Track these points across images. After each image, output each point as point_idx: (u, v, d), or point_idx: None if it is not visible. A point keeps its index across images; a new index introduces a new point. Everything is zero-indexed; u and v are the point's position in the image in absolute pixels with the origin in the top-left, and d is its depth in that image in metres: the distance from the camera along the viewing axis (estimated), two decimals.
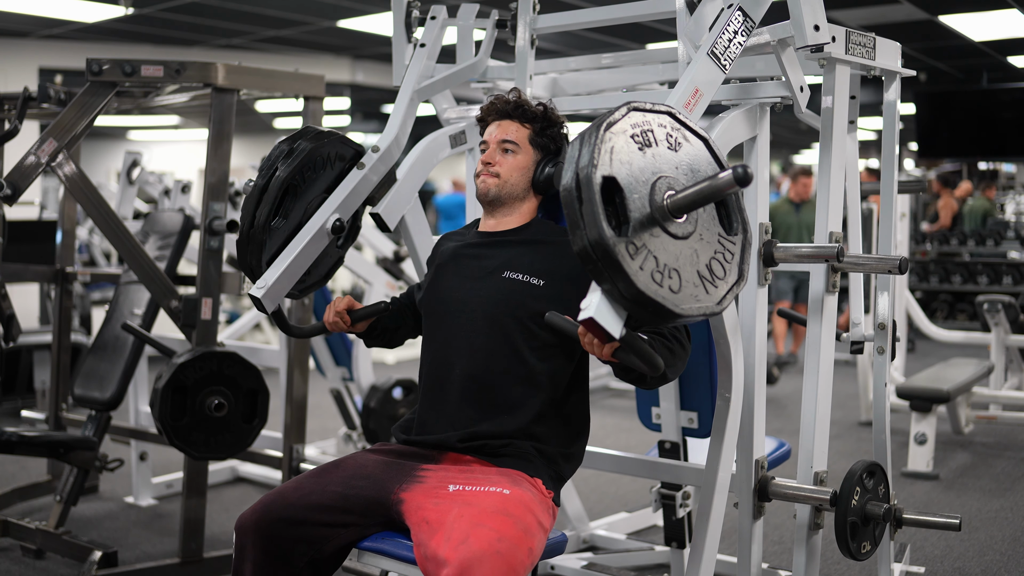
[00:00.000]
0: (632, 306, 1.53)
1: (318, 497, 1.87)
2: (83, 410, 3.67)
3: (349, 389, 4.46)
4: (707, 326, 2.39)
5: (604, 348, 1.63)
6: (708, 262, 1.64)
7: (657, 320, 1.56)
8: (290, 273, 2.19)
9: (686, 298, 1.57)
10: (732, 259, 1.68)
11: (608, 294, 1.54)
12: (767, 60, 2.44)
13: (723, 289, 1.64)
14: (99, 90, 2.90)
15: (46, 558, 3.24)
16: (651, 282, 1.52)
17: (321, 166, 2.26)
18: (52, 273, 3.85)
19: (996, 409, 5.33)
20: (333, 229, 2.23)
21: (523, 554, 1.69)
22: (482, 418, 1.98)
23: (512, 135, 2.12)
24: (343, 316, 2.17)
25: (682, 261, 1.59)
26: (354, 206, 2.30)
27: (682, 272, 1.58)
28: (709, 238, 1.66)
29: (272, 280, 2.15)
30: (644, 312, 1.54)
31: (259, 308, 2.17)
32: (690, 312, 1.56)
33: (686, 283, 1.58)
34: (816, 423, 2.21)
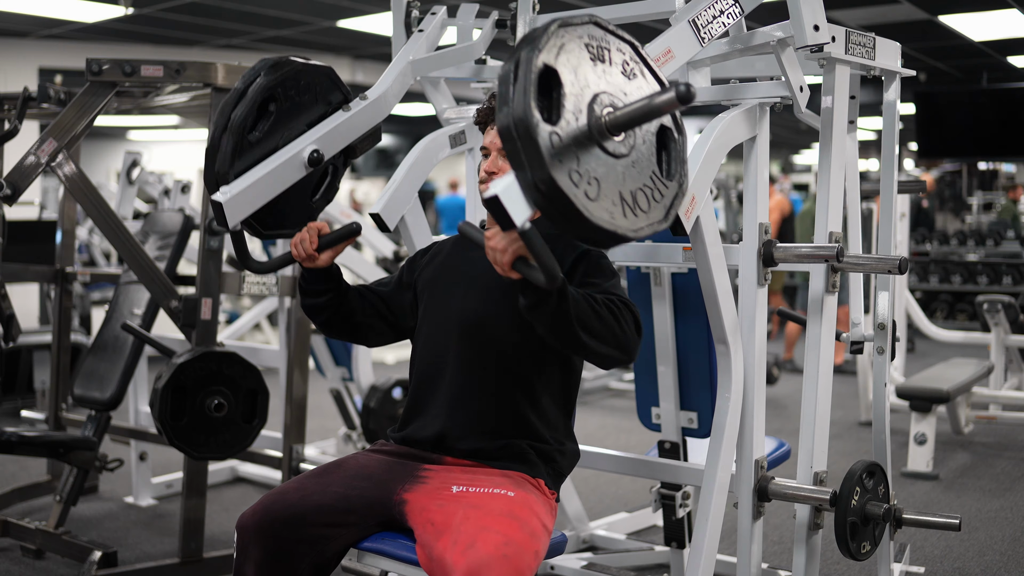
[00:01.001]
0: (542, 200, 1.45)
1: (320, 497, 1.87)
2: (83, 410, 3.67)
3: (349, 389, 4.45)
4: (707, 326, 2.39)
5: (507, 253, 1.58)
6: (634, 190, 1.57)
7: (565, 223, 1.48)
8: (258, 190, 2.00)
9: (600, 209, 1.49)
10: (661, 200, 1.62)
11: (521, 180, 1.47)
12: (767, 60, 2.44)
13: (643, 221, 1.57)
14: (99, 90, 2.90)
15: (46, 558, 3.24)
16: (567, 177, 1.45)
17: (307, 92, 2.13)
18: (52, 273, 3.85)
19: (996, 409, 5.33)
20: (310, 160, 2.08)
21: (529, 557, 1.68)
22: (475, 415, 1.97)
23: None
24: (312, 234, 2.00)
25: (607, 176, 1.52)
26: (335, 146, 2.17)
27: (603, 184, 1.51)
28: (642, 169, 1.60)
29: (239, 189, 1.97)
30: (552, 208, 1.46)
31: (219, 220, 1.99)
32: (601, 223, 1.48)
33: (604, 197, 1.51)
34: (816, 423, 2.21)
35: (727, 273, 2.14)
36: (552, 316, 1.66)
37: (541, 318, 1.67)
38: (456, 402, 1.99)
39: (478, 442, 1.96)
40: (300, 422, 3.26)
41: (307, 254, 1.99)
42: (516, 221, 1.47)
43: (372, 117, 2.27)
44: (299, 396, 3.25)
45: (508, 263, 1.59)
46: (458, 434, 1.97)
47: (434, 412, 2.01)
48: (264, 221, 2.10)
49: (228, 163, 1.99)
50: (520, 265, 1.59)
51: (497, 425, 1.97)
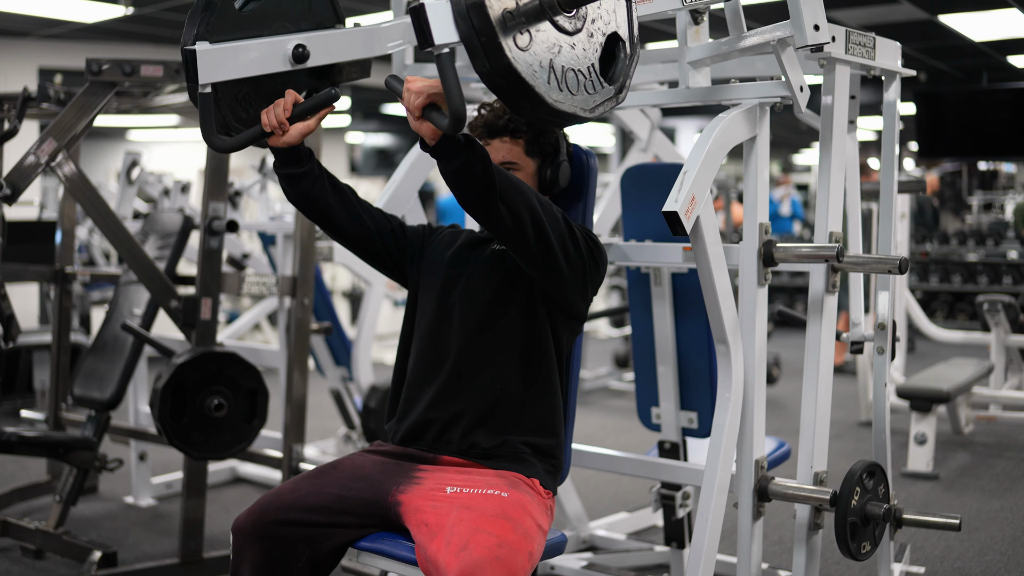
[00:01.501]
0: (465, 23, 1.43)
1: (315, 499, 1.87)
2: (83, 410, 3.67)
3: (349, 389, 4.45)
4: (707, 326, 2.39)
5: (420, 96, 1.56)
6: (565, 67, 1.58)
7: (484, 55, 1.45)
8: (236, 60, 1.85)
9: (525, 57, 1.48)
10: (591, 93, 1.63)
11: (454, 5, 1.45)
12: (767, 60, 2.44)
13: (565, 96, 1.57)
14: (99, 90, 2.90)
15: (46, 558, 3.24)
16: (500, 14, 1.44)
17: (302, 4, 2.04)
18: (52, 273, 3.84)
19: (996, 409, 5.33)
20: (294, 54, 1.94)
21: (523, 559, 1.68)
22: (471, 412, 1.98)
23: (507, 155, 2.11)
24: (287, 102, 1.87)
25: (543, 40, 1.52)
26: (321, 52, 2.01)
27: (536, 41, 1.51)
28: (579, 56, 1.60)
29: (217, 48, 1.83)
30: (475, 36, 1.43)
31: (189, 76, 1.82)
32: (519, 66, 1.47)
33: (533, 53, 1.50)
34: (816, 423, 2.21)
35: (727, 273, 2.14)
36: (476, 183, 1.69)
37: (464, 185, 1.69)
38: (453, 395, 2.00)
39: (473, 440, 1.97)
40: (300, 422, 3.26)
41: (278, 121, 1.85)
42: (436, 38, 1.44)
43: (364, 45, 2.11)
44: (299, 396, 3.25)
45: (420, 106, 1.58)
46: (459, 427, 1.97)
47: (432, 405, 2.01)
48: (236, 112, 1.96)
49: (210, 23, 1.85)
50: (430, 111, 1.57)
51: (493, 423, 1.97)
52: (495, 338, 2.01)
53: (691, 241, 2.02)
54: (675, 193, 1.89)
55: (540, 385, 2.02)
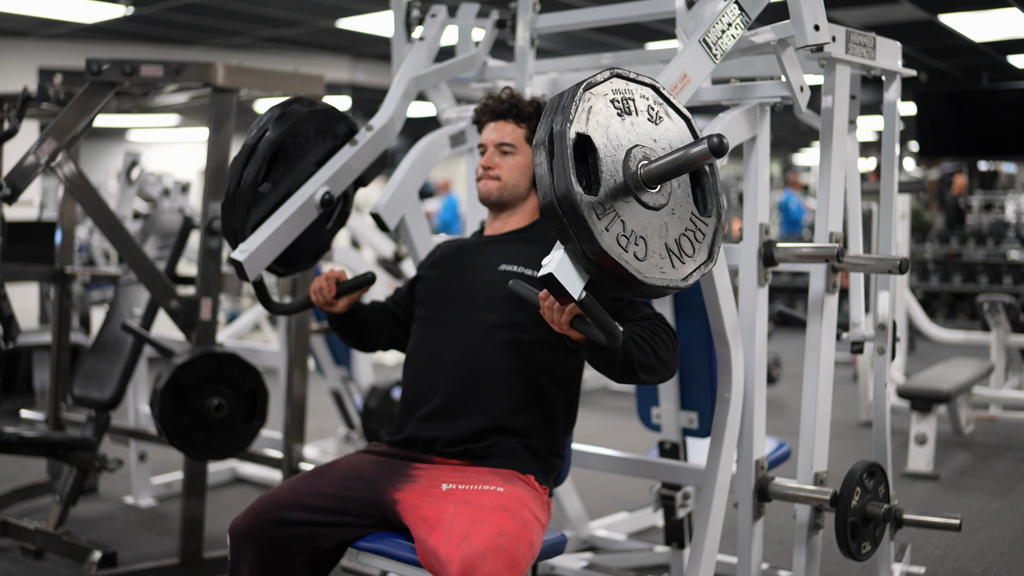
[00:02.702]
0: (594, 268, 1.49)
1: (312, 499, 1.87)
2: (83, 410, 3.67)
3: (349, 389, 4.45)
4: (707, 326, 2.39)
5: (563, 315, 1.61)
6: (677, 237, 1.60)
7: (619, 287, 1.52)
8: (274, 241, 2.11)
9: (650, 267, 1.53)
10: (703, 239, 1.64)
11: (571, 253, 1.50)
12: (767, 60, 2.44)
13: (690, 266, 1.60)
14: (99, 90, 2.90)
15: (45, 558, 3.24)
16: (616, 244, 1.48)
17: (313, 136, 2.20)
18: (51, 273, 3.84)
19: (996, 409, 5.33)
20: (322, 202, 2.17)
21: (524, 547, 1.69)
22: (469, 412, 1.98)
23: (509, 136, 2.12)
24: (331, 283, 2.12)
25: (650, 231, 1.55)
26: (345, 182, 2.25)
27: (649, 241, 1.54)
28: (681, 214, 1.62)
29: (256, 245, 2.08)
30: (606, 276, 1.50)
31: (240, 275, 2.09)
32: (653, 281, 1.52)
33: (652, 253, 1.54)
34: (816, 423, 2.21)
35: (727, 273, 2.14)
36: (619, 370, 1.77)
37: (608, 371, 1.79)
38: (447, 412, 2.00)
39: (469, 443, 1.97)
40: (300, 422, 3.26)
41: (325, 301, 2.12)
42: (573, 294, 1.51)
43: (379, 146, 2.35)
44: (299, 396, 3.25)
45: (566, 323, 1.63)
46: (451, 436, 1.98)
47: (425, 419, 2.01)
48: (281, 260, 2.18)
49: (243, 219, 2.09)
50: (578, 323, 1.62)
51: (490, 427, 1.97)
52: (496, 358, 2.00)
53: None
54: None
55: (541, 402, 2.02)
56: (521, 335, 2.00)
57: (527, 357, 2.00)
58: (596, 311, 1.57)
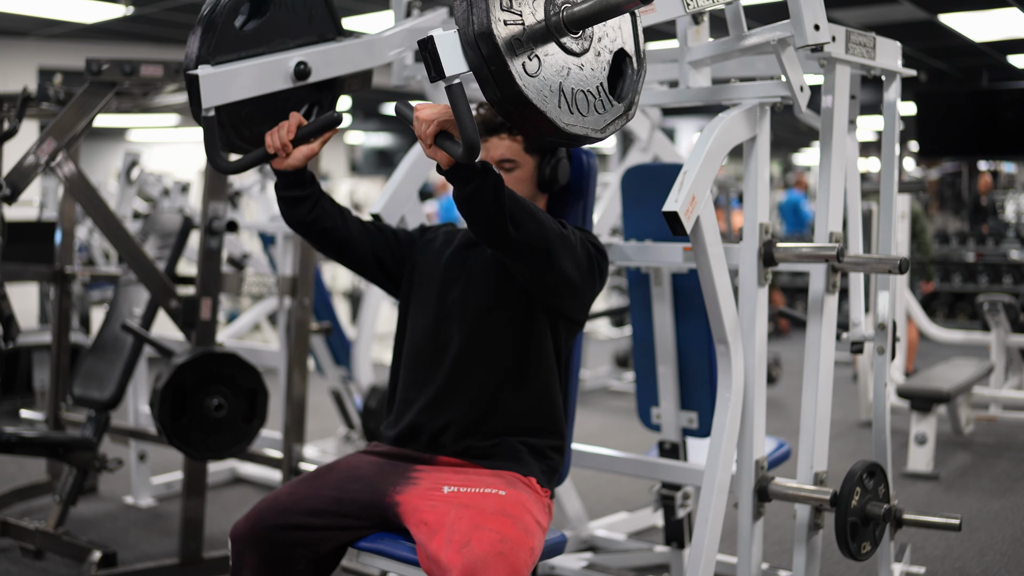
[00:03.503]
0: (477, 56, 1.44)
1: (312, 502, 1.87)
2: (83, 410, 3.67)
3: (349, 389, 4.45)
4: (707, 326, 2.39)
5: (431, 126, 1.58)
6: (575, 89, 1.58)
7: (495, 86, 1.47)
8: (238, 81, 1.89)
9: (535, 84, 1.49)
10: (602, 112, 1.63)
11: (462, 35, 1.46)
12: (767, 60, 2.44)
13: (576, 119, 1.57)
14: (99, 90, 2.90)
15: (45, 558, 3.24)
16: (509, 44, 1.45)
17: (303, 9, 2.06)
18: (51, 273, 3.84)
19: (996, 409, 5.33)
20: (296, 72, 2.00)
21: (525, 554, 1.69)
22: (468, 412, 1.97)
23: (507, 152, 2.11)
24: (291, 124, 1.91)
25: (552, 63, 1.53)
26: (323, 67, 2.07)
27: (545, 65, 1.52)
28: (588, 76, 1.60)
29: (219, 71, 1.86)
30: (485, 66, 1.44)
31: (192, 100, 1.85)
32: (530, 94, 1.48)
33: (543, 78, 1.51)
34: (816, 423, 2.21)
35: (727, 273, 2.14)
36: (487, 208, 1.68)
37: (476, 210, 1.69)
38: (448, 399, 1.99)
39: (470, 440, 1.97)
40: (300, 422, 3.26)
41: (281, 143, 1.89)
42: (446, 70, 1.45)
43: (365, 56, 2.20)
44: (299, 396, 3.25)
45: (432, 134, 1.59)
46: (451, 432, 1.97)
47: (426, 408, 2.01)
48: (239, 130, 2.00)
49: (211, 43, 1.88)
50: (442, 139, 1.58)
51: (489, 423, 1.97)
52: (493, 342, 2.00)
53: (691, 241, 2.02)
54: (675, 193, 1.89)
55: (539, 388, 2.02)
56: (510, 313, 2.00)
57: (518, 334, 2.00)
58: (463, 108, 1.49)
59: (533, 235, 1.79)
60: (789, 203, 10.38)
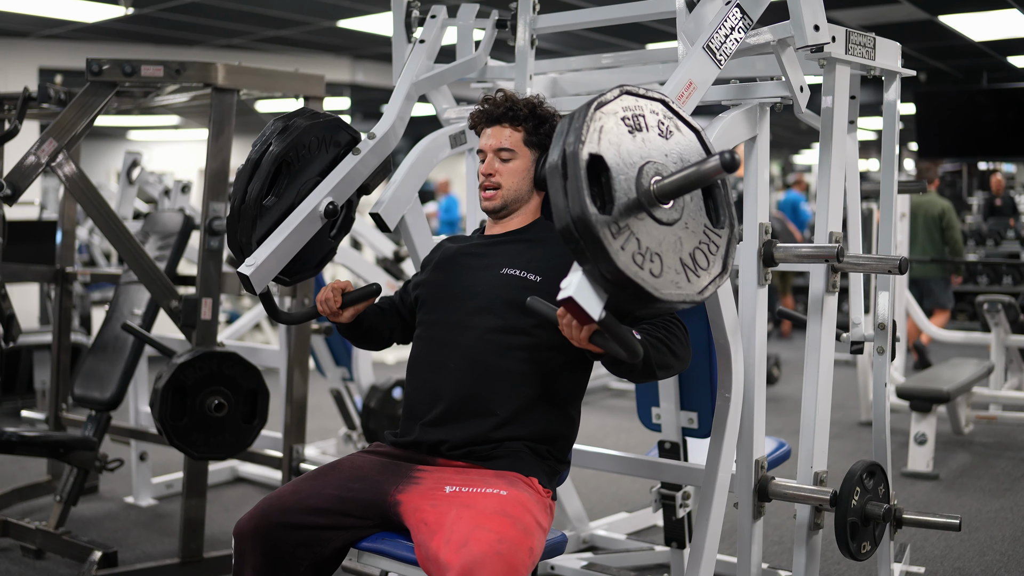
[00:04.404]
0: (612, 287, 1.50)
1: (315, 501, 1.87)
2: (83, 410, 3.67)
3: (349, 389, 4.45)
4: (707, 326, 2.39)
5: (583, 331, 1.61)
6: (692, 251, 1.61)
7: (636, 304, 1.53)
8: (280, 253, 2.14)
9: (666, 283, 1.54)
10: (717, 251, 1.66)
11: (588, 274, 1.52)
12: (767, 60, 2.44)
13: (705, 279, 1.62)
14: (99, 90, 2.90)
15: (46, 558, 3.24)
16: (632, 263, 1.49)
17: (316, 147, 2.21)
18: (52, 273, 3.85)
19: (996, 409, 5.33)
20: (326, 212, 2.19)
21: (524, 554, 1.69)
22: (474, 417, 1.97)
23: (506, 142, 2.11)
24: (336, 295, 2.12)
25: (665, 247, 1.57)
26: (348, 191, 2.27)
27: (664, 257, 1.56)
28: (695, 228, 1.63)
29: (262, 259, 2.11)
30: (623, 294, 1.51)
31: (247, 287, 2.12)
32: (669, 297, 1.53)
33: (668, 269, 1.56)
34: (816, 423, 2.21)
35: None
36: (639, 375, 1.79)
37: (626, 375, 1.81)
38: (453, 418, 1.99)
39: (474, 444, 1.96)
40: (300, 422, 3.26)
41: (331, 312, 2.13)
42: (593, 316, 1.52)
43: (381, 153, 2.35)
44: (299, 396, 3.25)
45: (585, 339, 1.63)
46: (457, 437, 1.97)
47: (431, 427, 2.01)
48: (287, 269, 2.20)
49: (249, 232, 2.11)
50: (597, 339, 1.62)
51: (495, 428, 1.97)
52: (503, 361, 1.99)
53: None
54: None
55: (545, 403, 2.00)
56: (524, 339, 1.99)
57: (531, 360, 1.99)
58: (615, 328, 1.58)
59: (674, 371, 1.90)
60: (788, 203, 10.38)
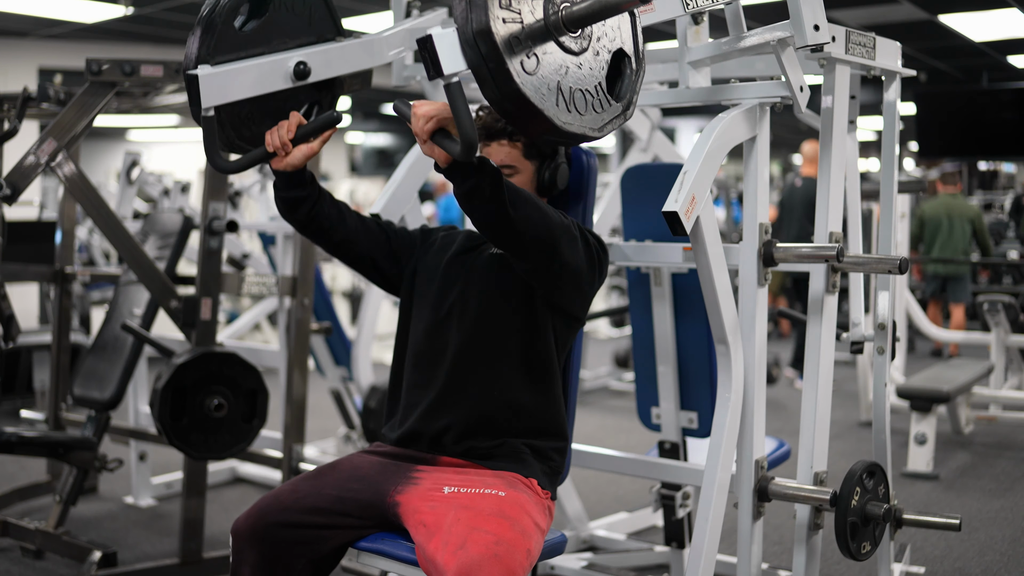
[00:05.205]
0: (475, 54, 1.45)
1: (314, 500, 1.87)
2: (83, 410, 3.67)
3: (349, 389, 4.45)
4: (707, 326, 2.39)
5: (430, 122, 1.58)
6: (573, 88, 1.58)
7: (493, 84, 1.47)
8: (238, 81, 1.88)
9: (532, 82, 1.49)
10: (599, 111, 1.64)
11: (460, 33, 1.46)
12: (767, 60, 2.44)
13: (574, 118, 1.58)
14: (99, 90, 2.90)
15: (45, 558, 3.24)
16: (507, 42, 1.45)
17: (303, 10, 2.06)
18: (52, 273, 3.84)
19: (996, 409, 5.33)
20: (296, 72, 1.99)
21: (521, 556, 1.69)
22: (471, 414, 1.97)
23: (506, 158, 2.10)
24: (291, 124, 1.90)
25: (550, 62, 1.53)
26: (323, 68, 2.07)
27: (543, 64, 1.52)
28: (586, 75, 1.60)
29: (219, 71, 1.85)
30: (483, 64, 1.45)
31: (192, 101, 1.85)
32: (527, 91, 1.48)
33: (541, 77, 1.51)
34: (816, 423, 2.21)
35: (727, 273, 2.14)
36: (488, 199, 1.68)
37: (477, 206, 1.70)
38: (449, 403, 1.99)
39: (473, 441, 1.97)
40: (300, 422, 3.26)
41: (281, 142, 1.88)
42: (445, 68, 1.45)
43: (365, 56, 2.19)
44: (299, 396, 3.25)
45: (429, 131, 1.59)
46: (453, 434, 1.97)
47: (428, 413, 2.01)
48: (239, 130, 1.99)
49: (211, 43, 1.88)
50: (440, 137, 1.58)
51: (492, 425, 1.97)
52: (494, 343, 2.00)
53: (691, 241, 2.02)
54: (675, 193, 1.89)
55: (540, 388, 2.02)
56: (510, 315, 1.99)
57: (519, 336, 1.99)
58: (461, 105, 1.49)
59: (535, 225, 1.79)
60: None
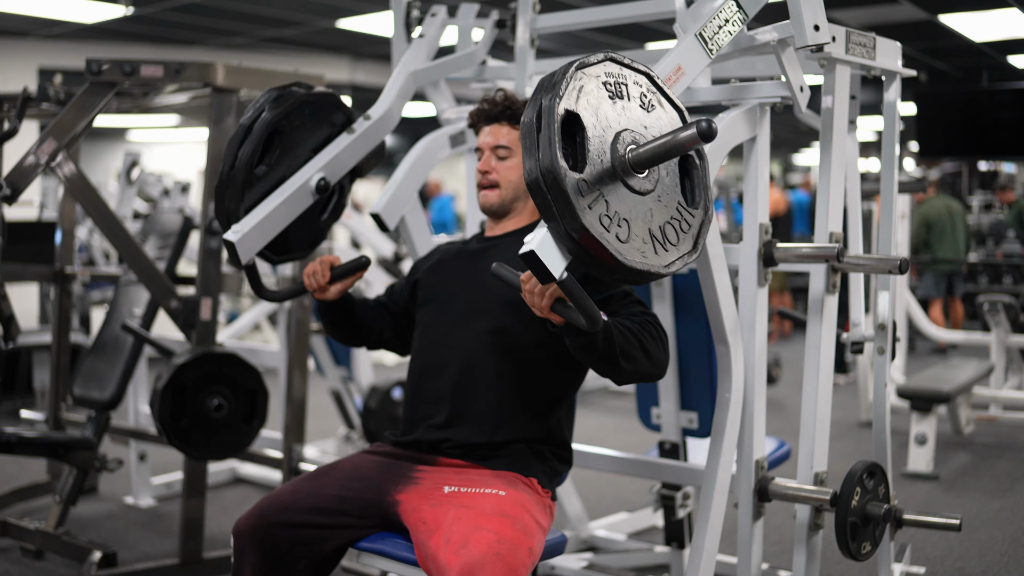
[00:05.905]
0: (576, 247, 1.47)
1: (314, 500, 1.87)
2: (83, 410, 3.67)
3: (349, 389, 4.45)
4: (707, 326, 2.39)
5: (544, 298, 1.59)
6: (663, 225, 1.59)
7: (600, 268, 1.50)
8: (268, 224, 2.06)
9: (632, 250, 1.51)
10: (688, 230, 1.63)
11: (554, 231, 1.49)
12: (767, 60, 2.44)
13: (673, 255, 1.59)
14: (99, 90, 2.90)
15: (45, 558, 3.24)
16: (598, 223, 1.47)
17: (310, 120, 2.16)
18: (52, 273, 3.84)
19: (996, 409, 5.33)
20: (317, 188, 2.12)
21: (523, 555, 1.68)
22: (474, 419, 1.98)
23: (504, 139, 2.11)
24: (325, 267, 2.06)
25: (635, 215, 1.54)
26: (341, 170, 2.22)
27: (633, 225, 1.53)
28: (668, 202, 1.61)
29: (249, 227, 2.03)
30: (586, 255, 1.48)
31: (231, 256, 2.03)
32: (634, 264, 1.50)
33: (635, 237, 1.53)
34: (816, 423, 2.21)
35: (727, 273, 2.14)
36: (600, 356, 1.71)
37: (588, 358, 1.73)
38: (455, 418, 1.99)
39: (475, 445, 1.97)
40: (300, 422, 3.26)
41: (319, 286, 2.06)
42: (554, 273, 1.49)
43: (376, 136, 2.32)
44: (299, 396, 3.25)
45: (547, 307, 1.61)
46: (458, 437, 1.98)
47: (433, 428, 2.01)
48: (275, 247, 2.14)
49: (237, 200, 2.04)
50: (559, 307, 1.61)
51: (495, 426, 1.97)
52: (501, 360, 2.00)
53: None
54: None
55: (546, 401, 2.02)
56: (519, 339, 2.00)
57: (525, 361, 2.00)
58: (577, 293, 1.55)
59: (643, 372, 1.82)
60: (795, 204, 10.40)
